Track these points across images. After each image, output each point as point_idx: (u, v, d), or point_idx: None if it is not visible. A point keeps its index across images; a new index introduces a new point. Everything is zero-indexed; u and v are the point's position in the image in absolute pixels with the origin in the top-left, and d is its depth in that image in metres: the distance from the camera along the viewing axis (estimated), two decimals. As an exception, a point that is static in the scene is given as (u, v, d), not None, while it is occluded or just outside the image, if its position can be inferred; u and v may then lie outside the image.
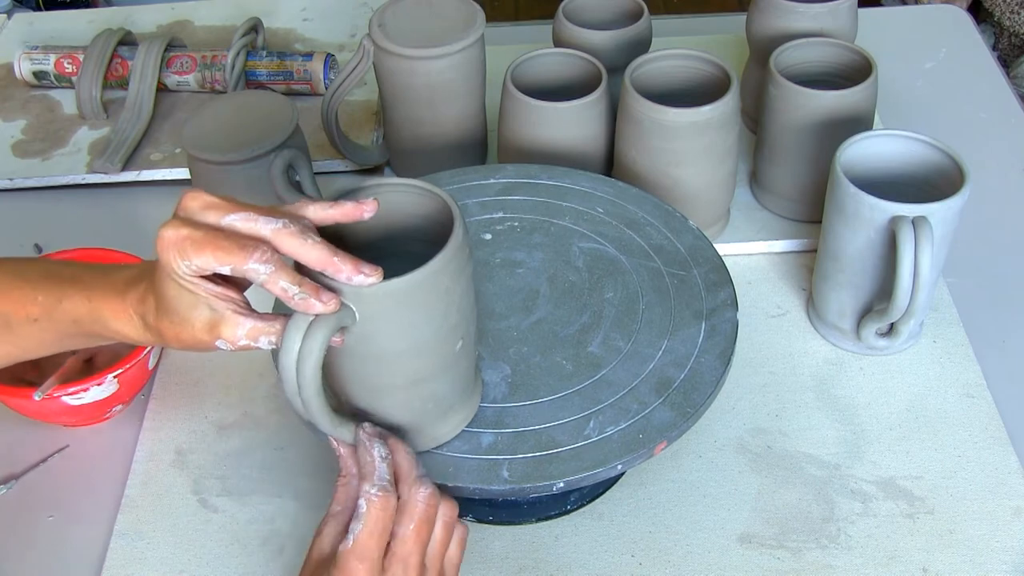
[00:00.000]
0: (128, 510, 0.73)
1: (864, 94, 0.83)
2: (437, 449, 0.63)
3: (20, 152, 1.01)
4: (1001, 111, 1.05)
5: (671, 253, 0.75)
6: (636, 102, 0.81)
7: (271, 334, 0.53)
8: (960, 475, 0.73)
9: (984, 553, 0.68)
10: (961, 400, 0.77)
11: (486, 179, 0.81)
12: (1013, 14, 1.69)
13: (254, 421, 0.78)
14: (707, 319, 0.70)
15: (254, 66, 1.04)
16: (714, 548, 0.69)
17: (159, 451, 0.76)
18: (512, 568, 0.69)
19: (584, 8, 0.95)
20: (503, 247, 0.76)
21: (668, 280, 0.73)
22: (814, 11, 0.91)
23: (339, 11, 1.17)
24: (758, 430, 0.76)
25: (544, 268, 0.74)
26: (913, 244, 0.70)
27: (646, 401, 0.65)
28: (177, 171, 0.97)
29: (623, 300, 0.72)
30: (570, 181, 0.81)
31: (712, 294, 0.72)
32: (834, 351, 0.81)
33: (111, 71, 1.05)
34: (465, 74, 0.88)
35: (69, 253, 0.83)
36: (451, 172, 0.82)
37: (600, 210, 0.78)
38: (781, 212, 0.91)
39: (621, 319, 0.71)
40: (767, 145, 0.89)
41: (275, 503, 0.73)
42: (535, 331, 0.70)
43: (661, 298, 0.72)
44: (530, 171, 0.82)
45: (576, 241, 0.76)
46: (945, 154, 0.75)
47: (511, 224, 0.77)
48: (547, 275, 0.74)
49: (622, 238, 0.76)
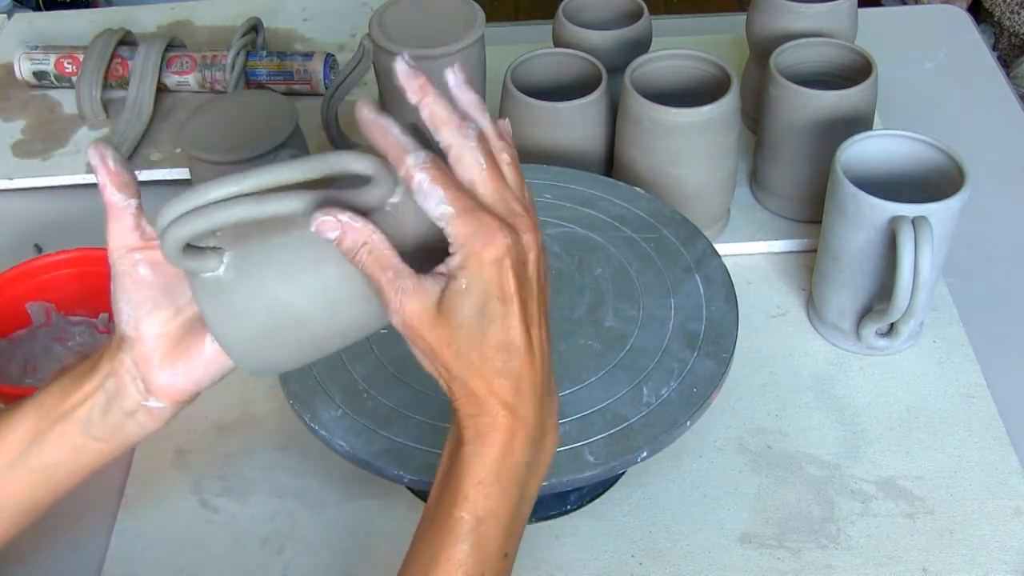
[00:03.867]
0: (128, 510, 0.73)
1: (864, 94, 0.83)
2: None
3: (20, 152, 1.01)
4: (1001, 111, 1.05)
5: (634, 220, 0.77)
6: (636, 102, 0.81)
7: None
8: (960, 475, 0.73)
9: (984, 553, 0.68)
10: (961, 400, 0.77)
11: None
12: (1013, 14, 1.69)
13: (254, 421, 0.78)
14: (698, 271, 0.73)
15: (254, 66, 1.04)
16: (714, 548, 0.69)
17: (159, 451, 0.76)
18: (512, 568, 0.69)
19: (584, 8, 0.95)
20: None
21: (645, 245, 0.75)
22: (814, 11, 0.91)
23: (339, 11, 1.17)
24: (758, 430, 0.76)
25: None
26: (913, 244, 0.70)
27: (683, 358, 0.68)
28: (177, 171, 0.97)
29: (614, 273, 0.74)
30: (566, 181, 0.81)
31: (690, 248, 0.75)
32: (834, 351, 0.81)
33: (111, 71, 1.05)
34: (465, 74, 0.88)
35: (69, 253, 0.83)
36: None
37: (548, 196, 0.80)
38: (781, 212, 0.91)
39: (621, 290, 0.73)
40: (767, 145, 0.89)
41: (275, 503, 0.73)
42: None
43: (647, 263, 0.74)
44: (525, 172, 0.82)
45: (541, 229, 0.76)
46: (945, 154, 0.75)
47: None
48: None
49: (582, 217, 0.78)
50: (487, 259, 0.45)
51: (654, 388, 0.66)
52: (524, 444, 0.48)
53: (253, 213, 0.47)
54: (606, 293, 0.72)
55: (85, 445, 0.56)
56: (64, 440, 0.55)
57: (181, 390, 0.54)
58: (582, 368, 0.68)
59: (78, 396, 0.55)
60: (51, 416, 0.55)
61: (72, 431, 0.55)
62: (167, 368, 0.53)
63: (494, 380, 0.47)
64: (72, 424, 0.55)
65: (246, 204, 0.46)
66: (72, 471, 0.57)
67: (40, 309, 0.83)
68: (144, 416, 0.55)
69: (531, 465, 0.49)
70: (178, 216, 0.47)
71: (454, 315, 0.46)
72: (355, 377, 0.68)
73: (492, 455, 0.48)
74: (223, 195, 0.47)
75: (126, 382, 0.54)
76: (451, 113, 0.48)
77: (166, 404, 0.54)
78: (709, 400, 0.66)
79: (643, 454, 0.63)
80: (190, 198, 0.47)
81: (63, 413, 0.55)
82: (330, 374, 0.68)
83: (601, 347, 0.69)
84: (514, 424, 0.48)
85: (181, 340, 0.53)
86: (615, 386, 0.67)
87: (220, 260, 0.49)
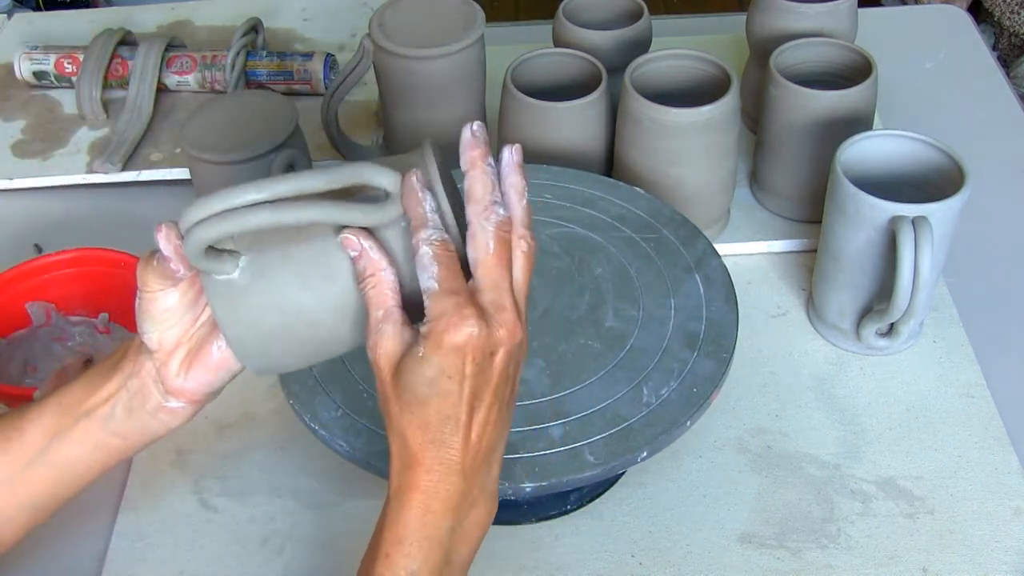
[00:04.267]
0: (128, 510, 0.73)
1: (864, 94, 0.83)
2: (514, 454, 0.63)
3: (20, 152, 1.01)
4: (1001, 111, 1.05)
5: (634, 220, 0.77)
6: (636, 102, 0.81)
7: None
8: (960, 475, 0.73)
9: (984, 553, 0.68)
10: (961, 400, 0.77)
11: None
12: (1013, 14, 1.69)
13: (254, 421, 0.78)
14: (698, 271, 0.73)
15: (254, 66, 1.04)
16: (714, 548, 0.69)
17: (159, 451, 0.76)
18: (512, 568, 0.69)
19: (584, 8, 0.95)
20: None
21: (645, 245, 0.75)
22: (814, 11, 0.91)
23: (339, 11, 1.17)
24: (758, 430, 0.76)
25: None
26: (913, 244, 0.70)
27: (683, 358, 0.68)
28: (177, 171, 0.97)
29: (614, 273, 0.74)
30: (566, 181, 0.81)
31: (690, 248, 0.75)
32: (834, 351, 0.81)
33: (111, 71, 1.05)
34: (465, 74, 0.88)
35: (69, 253, 0.83)
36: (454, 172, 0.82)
37: (548, 196, 0.80)
38: (781, 212, 0.91)
39: (621, 290, 0.73)
40: (767, 145, 0.89)
41: (275, 503, 0.73)
42: (548, 321, 0.71)
43: (647, 263, 0.74)
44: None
45: (541, 229, 0.77)
46: (945, 154, 0.75)
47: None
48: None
49: (582, 217, 0.78)
50: (447, 342, 0.48)
51: (654, 388, 0.66)
52: (445, 510, 0.50)
53: (281, 220, 0.48)
54: (606, 293, 0.72)
55: (107, 442, 0.58)
56: (87, 437, 0.57)
57: (196, 391, 0.56)
58: (582, 368, 0.68)
59: (102, 394, 0.57)
60: (73, 413, 0.57)
61: (95, 428, 0.57)
62: (182, 373, 0.56)
63: (426, 445, 0.49)
64: (95, 421, 0.57)
65: (275, 211, 0.48)
66: (90, 467, 0.59)
67: (40, 309, 0.83)
68: (166, 415, 0.57)
69: (454, 530, 0.51)
70: (204, 218, 0.48)
71: (407, 374, 0.49)
72: (355, 377, 0.68)
73: (410, 516, 0.50)
74: (249, 200, 0.48)
75: (148, 383, 0.56)
76: (487, 192, 0.50)
77: (185, 404, 0.57)
78: (709, 400, 0.66)
79: (643, 454, 0.63)
80: (217, 201, 0.48)
81: (86, 411, 0.57)
82: (330, 374, 0.68)
83: (601, 347, 0.69)
84: (435, 489, 0.50)
85: (195, 348, 0.56)
86: (615, 386, 0.67)
87: (236, 264, 0.51)
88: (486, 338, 0.48)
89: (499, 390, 0.50)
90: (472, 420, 0.49)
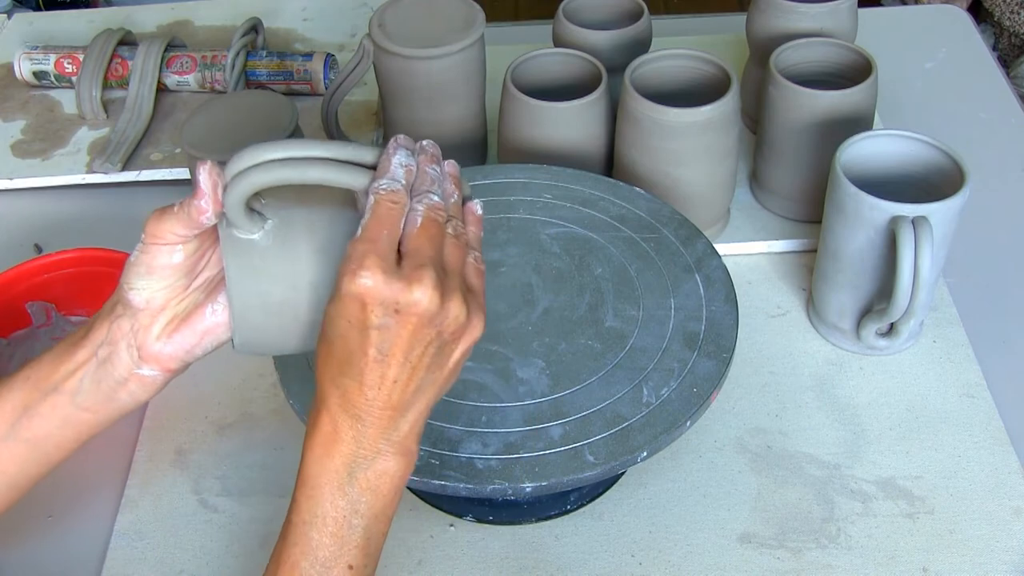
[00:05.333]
0: (128, 510, 0.73)
1: (864, 94, 0.83)
2: (510, 454, 0.63)
3: (20, 152, 1.01)
4: (1001, 111, 1.05)
5: (634, 220, 0.77)
6: (636, 102, 0.81)
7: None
8: (960, 475, 0.73)
9: (984, 553, 0.68)
10: (961, 400, 0.77)
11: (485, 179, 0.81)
12: (1013, 14, 1.69)
13: (254, 421, 0.78)
14: (698, 271, 0.73)
15: (254, 66, 1.04)
16: (714, 548, 0.69)
17: (159, 451, 0.76)
18: (512, 568, 0.69)
19: (584, 8, 0.95)
20: None
21: (644, 245, 0.75)
22: (814, 11, 0.91)
23: (339, 11, 1.17)
24: (758, 430, 0.76)
25: (525, 261, 0.75)
26: (913, 244, 0.70)
27: (683, 358, 0.68)
28: (177, 171, 0.97)
29: (614, 272, 0.74)
30: (566, 181, 0.81)
31: (690, 248, 0.75)
32: (834, 351, 0.81)
33: (111, 71, 1.05)
34: (465, 74, 0.88)
35: (69, 253, 0.83)
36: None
37: (548, 196, 0.80)
38: (781, 212, 0.91)
39: (621, 290, 0.73)
40: (767, 145, 0.89)
41: (275, 503, 0.73)
42: (547, 321, 0.71)
43: (647, 263, 0.74)
44: (526, 171, 0.82)
45: (541, 229, 0.77)
46: (945, 154, 0.75)
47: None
48: (531, 267, 0.74)
49: (582, 217, 0.78)
50: (343, 287, 0.49)
51: (654, 388, 0.66)
52: (346, 456, 0.51)
53: (328, 177, 0.50)
54: (606, 293, 0.72)
55: (75, 416, 0.57)
56: (55, 412, 0.56)
57: (173, 357, 0.56)
58: (582, 368, 0.68)
59: (69, 366, 0.56)
60: (42, 388, 0.56)
61: (63, 402, 0.56)
62: (163, 337, 0.55)
63: (327, 385, 0.51)
64: (63, 395, 0.56)
65: (324, 168, 0.49)
66: (60, 444, 0.58)
67: (40, 309, 0.83)
68: (135, 385, 0.56)
69: (355, 478, 0.51)
70: (258, 163, 0.49)
71: (326, 310, 0.50)
72: (355, 377, 0.68)
73: (311, 457, 0.51)
74: (306, 155, 0.50)
75: (120, 349, 0.55)
76: (428, 184, 0.52)
77: (158, 372, 0.56)
78: (709, 400, 0.66)
79: (643, 454, 0.63)
80: (271, 150, 0.49)
81: (54, 384, 0.56)
82: (330, 374, 0.68)
83: (601, 347, 0.69)
84: (335, 433, 0.51)
85: (183, 312, 0.55)
86: (615, 386, 0.67)
87: (262, 226, 0.51)
88: (389, 295, 0.48)
89: (410, 352, 0.50)
90: (376, 371, 0.50)
